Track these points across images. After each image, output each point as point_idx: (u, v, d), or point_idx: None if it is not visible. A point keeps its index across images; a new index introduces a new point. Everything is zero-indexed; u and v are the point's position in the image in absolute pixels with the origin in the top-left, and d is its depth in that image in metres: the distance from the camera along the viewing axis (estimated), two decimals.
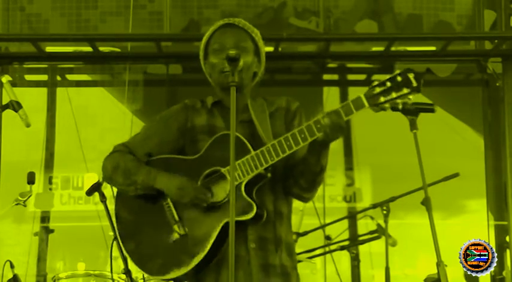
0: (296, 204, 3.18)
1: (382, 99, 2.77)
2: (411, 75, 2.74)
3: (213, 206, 2.95)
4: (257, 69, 3.13)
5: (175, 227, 2.99)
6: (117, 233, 3.16)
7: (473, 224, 7.37)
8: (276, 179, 2.99)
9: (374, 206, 5.16)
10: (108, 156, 3.15)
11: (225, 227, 2.89)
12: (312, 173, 2.97)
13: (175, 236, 2.99)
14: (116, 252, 4.16)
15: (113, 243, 4.09)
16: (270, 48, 6.82)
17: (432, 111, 3.97)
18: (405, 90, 2.74)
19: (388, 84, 2.76)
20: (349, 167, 7.61)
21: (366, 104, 2.80)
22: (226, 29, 3.10)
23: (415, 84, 2.73)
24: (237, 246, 2.75)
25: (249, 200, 2.90)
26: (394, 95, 2.76)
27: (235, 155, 2.76)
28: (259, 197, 2.95)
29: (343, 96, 7.80)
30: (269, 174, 2.93)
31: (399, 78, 2.74)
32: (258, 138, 3.00)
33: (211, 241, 2.92)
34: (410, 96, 2.75)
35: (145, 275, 4.32)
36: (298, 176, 3.00)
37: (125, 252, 3.13)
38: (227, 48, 2.99)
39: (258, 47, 3.12)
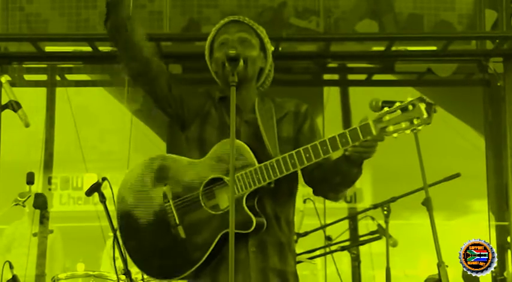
0: (296, 204, 3.15)
1: (391, 128, 2.72)
2: (422, 106, 2.68)
3: (214, 213, 2.94)
4: (263, 64, 3.12)
5: (175, 231, 2.98)
6: (117, 222, 3.15)
7: (475, 224, 7.37)
8: (280, 183, 2.95)
9: (375, 207, 5.14)
10: None
11: (224, 236, 2.88)
12: (351, 181, 2.95)
13: (175, 239, 2.98)
14: (115, 253, 4.15)
15: (114, 242, 4.08)
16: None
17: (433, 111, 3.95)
18: (415, 121, 2.69)
19: (399, 112, 2.71)
20: None
21: (374, 131, 2.74)
22: (230, 24, 3.11)
23: (425, 115, 2.68)
24: (237, 249, 2.75)
25: (249, 213, 2.88)
26: (403, 125, 2.71)
27: (239, 165, 2.80)
28: (260, 203, 2.94)
29: (344, 96, 7.79)
30: (272, 185, 2.91)
31: (410, 108, 2.70)
32: (262, 141, 2.98)
33: (210, 249, 2.92)
34: (420, 127, 2.71)
35: (145, 276, 4.31)
36: (336, 185, 2.97)
37: (123, 249, 3.12)
38: (230, 40, 3.01)
39: (263, 43, 3.11)
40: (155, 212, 3.04)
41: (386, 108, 2.73)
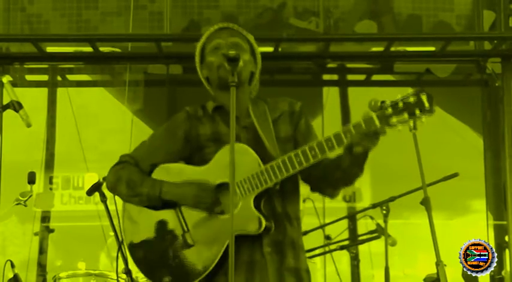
0: None
1: (394, 119, 2.75)
2: (424, 97, 2.71)
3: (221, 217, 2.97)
4: (254, 69, 3.15)
5: (184, 237, 3.00)
6: (122, 234, 3.18)
7: (473, 224, 7.38)
8: (285, 182, 2.97)
9: (374, 206, 5.17)
10: (112, 168, 3.17)
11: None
12: (351, 178, 3.01)
13: (184, 245, 3.00)
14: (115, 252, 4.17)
15: (120, 246, 4.10)
16: (270, 49, 6.83)
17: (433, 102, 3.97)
18: (417, 112, 2.72)
19: (401, 104, 2.73)
20: None
21: (378, 124, 2.77)
22: (221, 30, 3.14)
23: (427, 105, 2.71)
24: (252, 250, 2.85)
25: (258, 214, 2.91)
26: (406, 116, 2.73)
27: (244, 168, 2.85)
28: (268, 202, 2.96)
29: (343, 97, 7.81)
30: (277, 187, 2.93)
31: (412, 99, 2.72)
32: (262, 144, 3.01)
33: (219, 255, 2.94)
34: (423, 119, 2.73)
35: None
36: (336, 181, 3.02)
37: (128, 254, 3.14)
38: (224, 44, 3.05)
39: (253, 49, 3.15)
40: (162, 218, 3.06)
41: (388, 101, 2.76)
